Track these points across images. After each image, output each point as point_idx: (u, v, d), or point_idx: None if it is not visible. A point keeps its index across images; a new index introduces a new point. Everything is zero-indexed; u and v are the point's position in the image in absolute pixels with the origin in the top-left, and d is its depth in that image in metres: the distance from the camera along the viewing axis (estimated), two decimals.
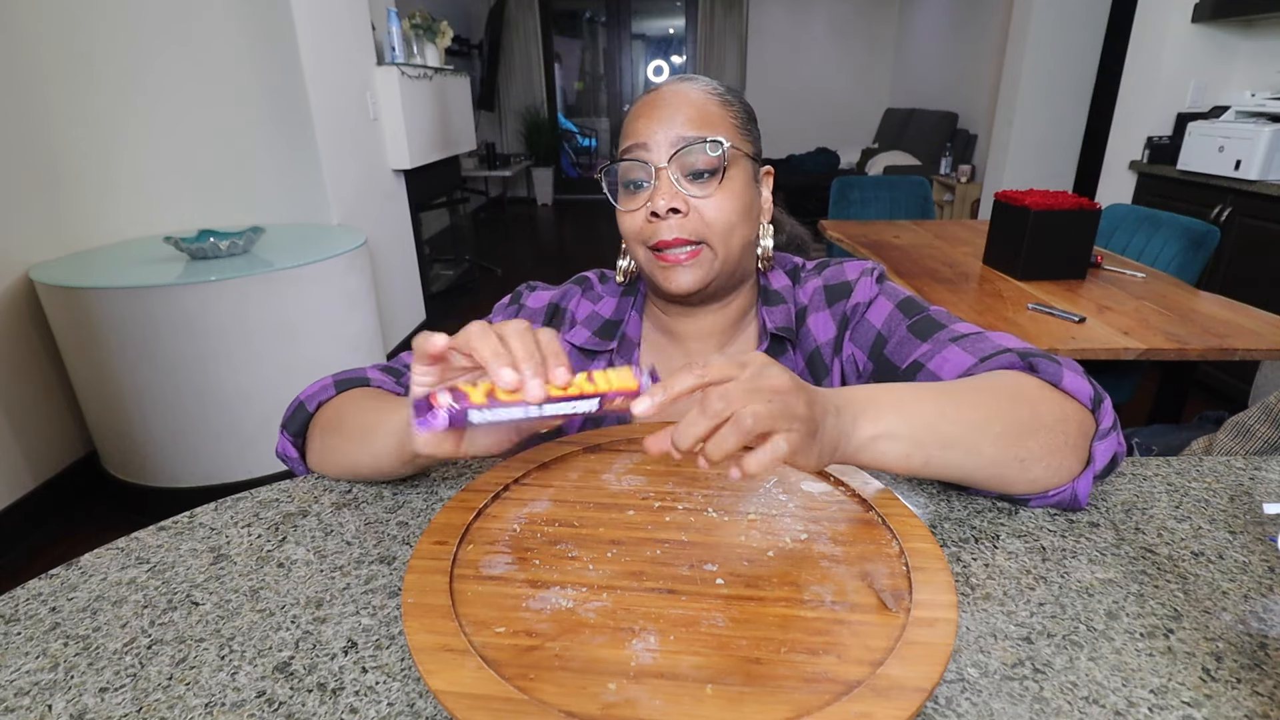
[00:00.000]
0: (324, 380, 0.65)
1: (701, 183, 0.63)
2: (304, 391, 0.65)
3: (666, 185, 0.62)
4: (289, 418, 0.64)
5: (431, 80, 3.27)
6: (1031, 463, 0.51)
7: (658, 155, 0.63)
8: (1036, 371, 0.54)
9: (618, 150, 0.67)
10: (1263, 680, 0.39)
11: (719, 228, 0.63)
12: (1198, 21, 2.74)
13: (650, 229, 0.64)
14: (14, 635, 0.45)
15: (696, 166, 0.63)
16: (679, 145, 0.62)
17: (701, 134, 0.62)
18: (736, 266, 0.68)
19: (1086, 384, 0.53)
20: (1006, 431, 0.49)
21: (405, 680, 0.40)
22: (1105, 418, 0.53)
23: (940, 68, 5.68)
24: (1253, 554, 0.51)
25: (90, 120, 2.10)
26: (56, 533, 1.89)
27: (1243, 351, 1.25)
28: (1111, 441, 0.53)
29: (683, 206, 0.63)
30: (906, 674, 0.34)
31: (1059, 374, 0.53)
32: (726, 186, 0.63)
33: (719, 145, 0.62)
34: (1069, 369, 0.54)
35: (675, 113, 0.63)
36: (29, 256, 1.91)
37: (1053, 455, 0.51)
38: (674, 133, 0.62)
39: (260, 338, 1.88)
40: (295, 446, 0.65)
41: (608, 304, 0.76)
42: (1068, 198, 1.62)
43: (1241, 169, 2.31)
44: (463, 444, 0.47)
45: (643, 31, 7.14)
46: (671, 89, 0.65)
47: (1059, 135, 4.09)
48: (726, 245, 0.65)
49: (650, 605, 0.41)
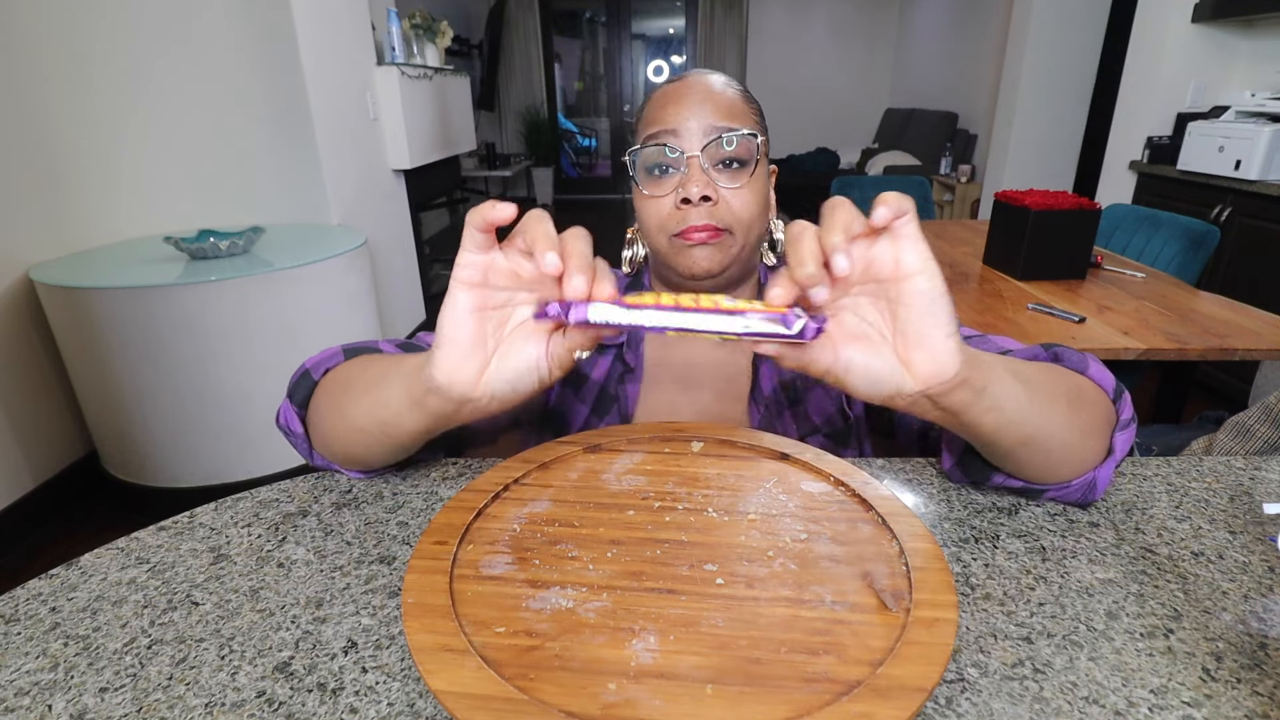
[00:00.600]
0: (332, 349, 0.62)
1: (732, 172, 0.63)
2: (310, 359, 0.61)
3: (698, 173, 0.62)
4: (294, 385, 0.60)
5: (431, 80, 3.27)
6: (1087, 435, 0.49)
7: (689, 143, 0.63)
8: (1062, 361, 0.54)
9: (637, 137, 0.67)
10: (1263, 680, 0.39)
11: (745, 219, 0.64)
12: (1198, 21, 2.74)
13: (678, 216, 0.64)
14: (14, 635, 0.45)
15: (729, 156, 0.63)
16: (712, 135, 0.62)
17: (733, 125, 0.63)
18: (750, 258, 0.69)
19: (1110, 375, 0.53)
20: (1069, 395, 0.48)
21: (405, 680, 0.40)
22: (1125, 409, 0.53)
23: (940, 68, 5.68)
24: (1253, 554, 0.51)
25: (90, 120, 2.10)
26: (56, 533, 1.89)
27: (1243, 351, 1.25)
28: (1130, 434, 0.53)
29: (715, 195, 0.63)
30: (906, 674, 0.34)
31: (1085, 363, 0.53)
32: (755, 179, 0.64)
33: (753, 137, 0.63)
34: (1093, 360, 0.54)
35: (706, 101, 0.63)
36: (29, 256, 1.91)
37: (1094, 434, 0.50)
38: (706, 121, 0.63)
39: (260, 338, 1.88)
40: (299, 418, 0.60)
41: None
42: (1068, 198, 1.63)
43: (1241, 169, 2.31)
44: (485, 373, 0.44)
45: (643, 31, 7.14)
46: (699, 78, 0.66)
47: (1059, 135, 4.09)
48: (747, 237, 0.65)
49: (650, 605, 0.41)
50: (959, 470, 0.57)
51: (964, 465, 0.57)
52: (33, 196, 1.93)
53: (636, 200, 0.67)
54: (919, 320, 0.38)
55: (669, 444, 0.59)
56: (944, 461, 0.59)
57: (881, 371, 0.40)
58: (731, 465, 0.55)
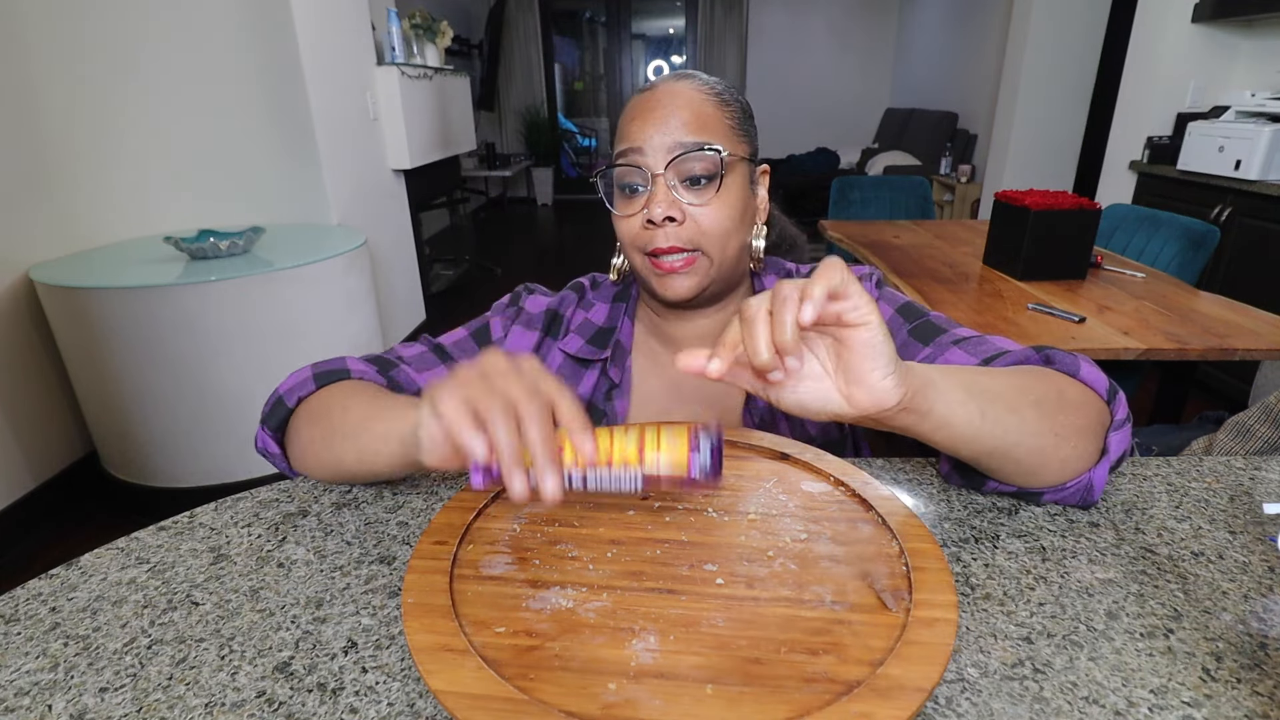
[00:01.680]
0: (302, 372, 0.63)
1: (698, 190, 0.62)
2: (282, 384, 0.62)
3: (663, 193, 0.61)
4: (268, 412, 0.62)
5: (431, 80, 3.27)
6: (1064, 439, 0.50)
7: (654, 161, 0.62)
8: (1053, 363, 0.54)
9: (613, 152, 0.66)
10: (1263, 680, 0.39)
11: (715, 235, 0.63)
12: (1198, 21, 2.74)
13: (646, 235, 0.63)
14: (14, 635, 0.45)
15: (694, 173, 0.62)
16: (676, 152, 0.61)
17: (699, 139, 0.61)
18: (732, 271, 0.67)
19: (1102, 376, 0.53)
20: (1041, 401, 0.49)
21: (405, 680, 0.40)
22: (1120, 409, 0.52)
23: (940, 68, 5.68)
24: (1253, 554, 0.51)
25: (90, 120, 2.10)
26: (57, 533, 1.89)
27: (1243, 351, 1.25)
28: (1125, 434, 0.52)
29: (679, 215, 0.62)
30: (906, 674, 0.34)
31: (1076, 365, 0.53)
32: (723, 194, 0.63)
33: (716, 153, 0.61)
34: (1084, 361, 0.54)
35: (670, 116, 0.62)
36: (29, 256, 1.91)
37: (1079, 436, 0.50)
38: (670, 138, 0.61)
39: (260, 338, 1.88)
40: (276, 442, 0.62)
41: (600, 310, 0.75)
42: (1068, 198, 1.62)
43: (1241, 169, 2.31)
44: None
45: (643, 31, 7.14)
46: (667, 89, 0.64)
47: (1059, 135, 4.09)
48: (722, 252, 0.64)
49: (650, 605, 0.41)
50: (956, 474, 0.58)
51: (959, 470, 0.57)
52: (32, 196, 1.93)
53: (612, 217, 0.66)
54: (859, 363, 0.41)
55: None
56: (941, 466, 0.59)
57: (815, 403, 0.43)
58: (731, 465, 0.55)
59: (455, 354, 0.72)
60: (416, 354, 0.71)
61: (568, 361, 0.74)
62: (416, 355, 0.70)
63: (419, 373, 0.69)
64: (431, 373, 0.70)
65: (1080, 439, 0.50)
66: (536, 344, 0.74)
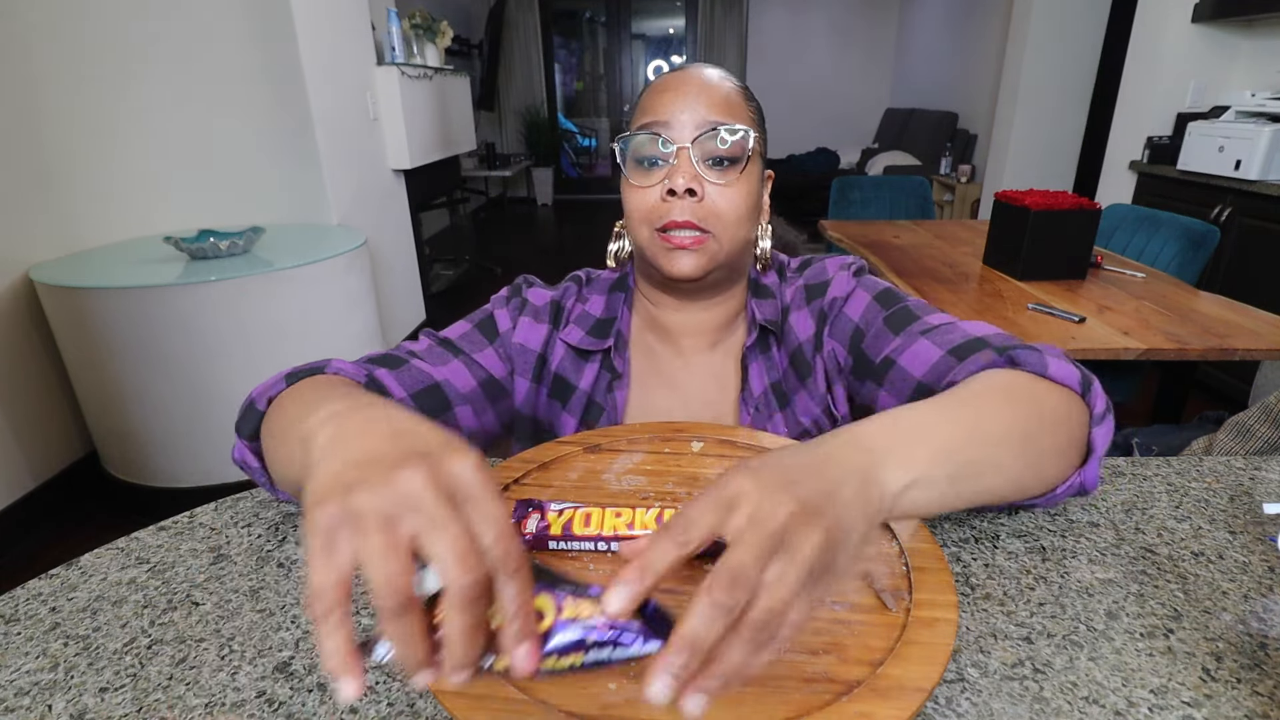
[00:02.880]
0: (276, 377, 0.56)
1: (721, 170, 0.62)
2: (255, 389, 0.55)
3: (687, 165, 0.61)
4: (240, 418, 0.55)
5: (431, 80, 3.27)
6: (1045, 464, 0.48)
7: (681, 134, 0.62)
8: (1019, 365, 0.51)
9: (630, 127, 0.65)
10: (1263, 680, 0.39)
11: (729, 219, 0.63)
12: (1198, 21, 2.74)
13: (662, 208, 0.63)
14: (14, 635, 0.45)
15: (719, 153, 0.62)
16: (704, 128, 0.61)
17: (727, 120, 0.62)
18: (736, 261, 0.67)
19: (1072, 369, 0.50)
20: (1024, 438, 0.46)
21: (405, 680, 0.40)
22: (1098, 401, 0.50)
23: (940, 68, 5.68)
24: (1253, 554, 0.51)
25: (90, 120, 2.10)
26: (57, 533, 1.89)
27: (1243, 351, 1.25)
28: (1108, 425, 0.51)
29: (700, 190, 0.62)
30: (906, 674, 0.34)
31: (1043, 364, 0.50)
32: (743, 179, 0.63)
33: (747, 134, 0.62)
34: (1051, 355, 0.51)
35: (701, 94, 0.62)
36: (29, 256, 1.91)
37: (1061, 453, 0.48)
38: (700, 115, 0.61)
39: (260, 338, 1.88)
40: (254, 452, 0.55)
41: (596, 302, 0.75)
42: (1068, 198, 1.63)
43: (1241, 169, 2.31)
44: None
45: (643, 31, 7.13)
46: (697, 71, 0.65)
47: (1059, 135, 4.09)
48: (732, 238, 0.64)
49: None
50: None
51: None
52: (32, 196, 1.93)
53: (623, 190, 0.66)
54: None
55: (669, 444, 0.59)
56: None
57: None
58: (731, 465, 0.55)
59: (463, 347, 0.71)
60: (425, 347, 0.69)
61: (569, 353, 0.73)
62: (425, 349, 0.68)
63: (434, 367, 0.66)
64: (447, 367, 0.67)
65: (1063, 452, 0.48)
66: (546, 336, 0.73)
